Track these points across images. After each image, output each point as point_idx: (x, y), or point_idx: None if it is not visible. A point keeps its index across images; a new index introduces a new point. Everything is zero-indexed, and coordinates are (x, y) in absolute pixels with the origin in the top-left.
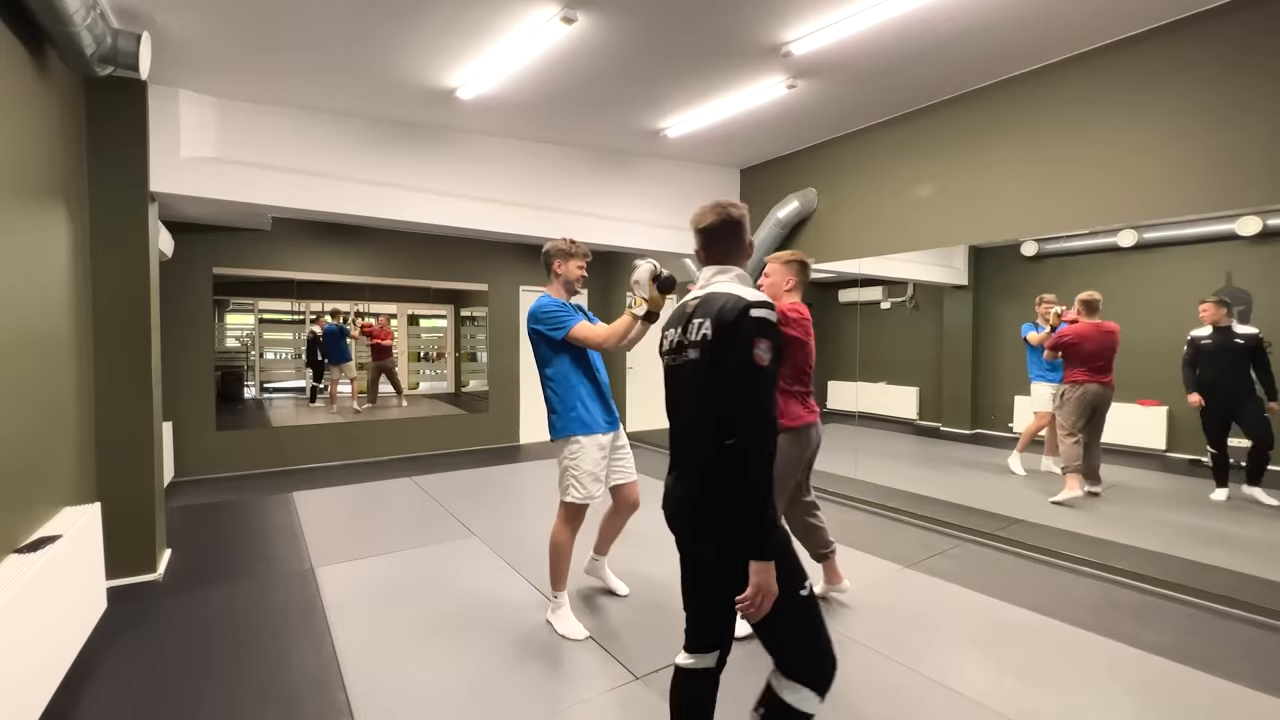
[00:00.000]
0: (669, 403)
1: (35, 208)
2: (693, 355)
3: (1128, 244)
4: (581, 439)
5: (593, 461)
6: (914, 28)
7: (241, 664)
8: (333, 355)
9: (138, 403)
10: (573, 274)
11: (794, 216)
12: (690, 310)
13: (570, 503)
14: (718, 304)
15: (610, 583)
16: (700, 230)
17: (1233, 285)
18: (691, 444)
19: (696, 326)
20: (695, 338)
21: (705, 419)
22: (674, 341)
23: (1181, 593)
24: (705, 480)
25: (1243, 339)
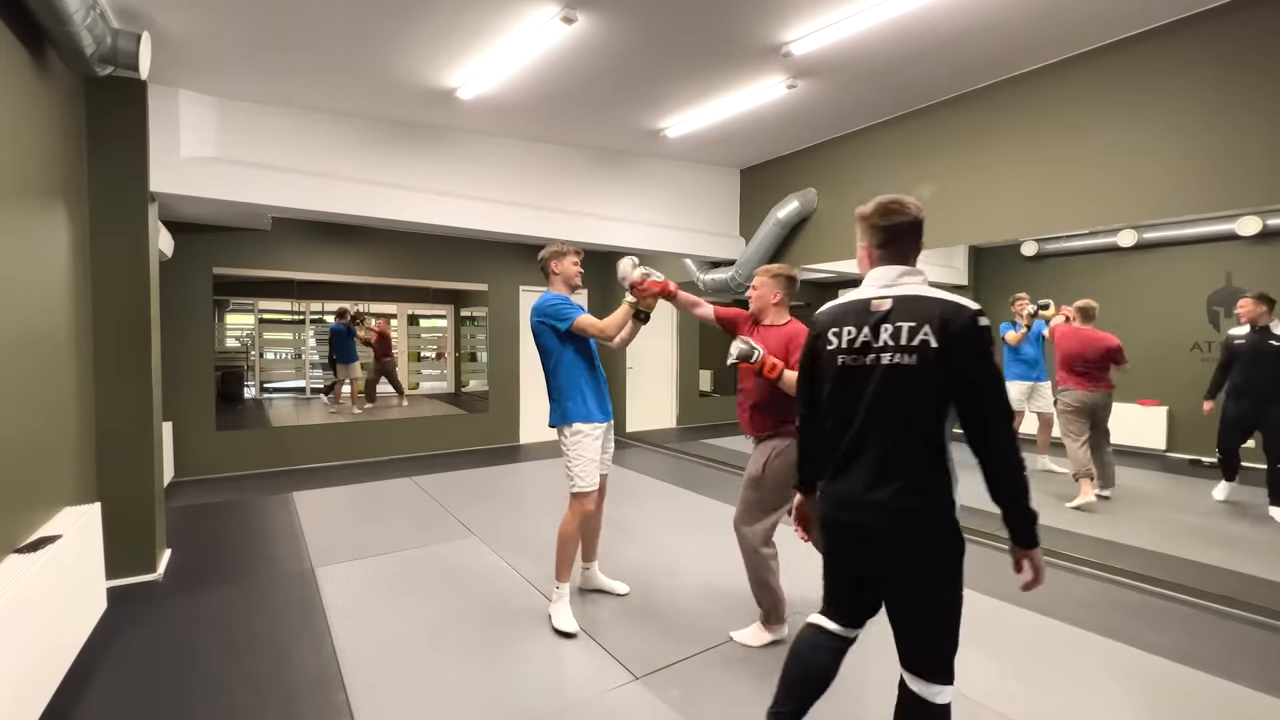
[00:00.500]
0: (843, 401)
1: (35, 208)
2: (905, 360)
3: (1128, 244)
4: (584, 427)
5: (594, 450)
6: (914, 28)
7: (241, 664)
8: (341, 354)
9: (138, 403)
10: (570, 270)
11: (794, 216)
12: (883, 311)
13: (579, 492)
14: (935, 311)
15: (608, 587)
16: (888, 227)
17: (1232, 285)
18: (897, 445)
19: (907, 331)
20: (908, 342)
21: (922, 421)
22: (858, 341)
23: (1182, 593)
24: (914, 479)
25: (1270, 340)
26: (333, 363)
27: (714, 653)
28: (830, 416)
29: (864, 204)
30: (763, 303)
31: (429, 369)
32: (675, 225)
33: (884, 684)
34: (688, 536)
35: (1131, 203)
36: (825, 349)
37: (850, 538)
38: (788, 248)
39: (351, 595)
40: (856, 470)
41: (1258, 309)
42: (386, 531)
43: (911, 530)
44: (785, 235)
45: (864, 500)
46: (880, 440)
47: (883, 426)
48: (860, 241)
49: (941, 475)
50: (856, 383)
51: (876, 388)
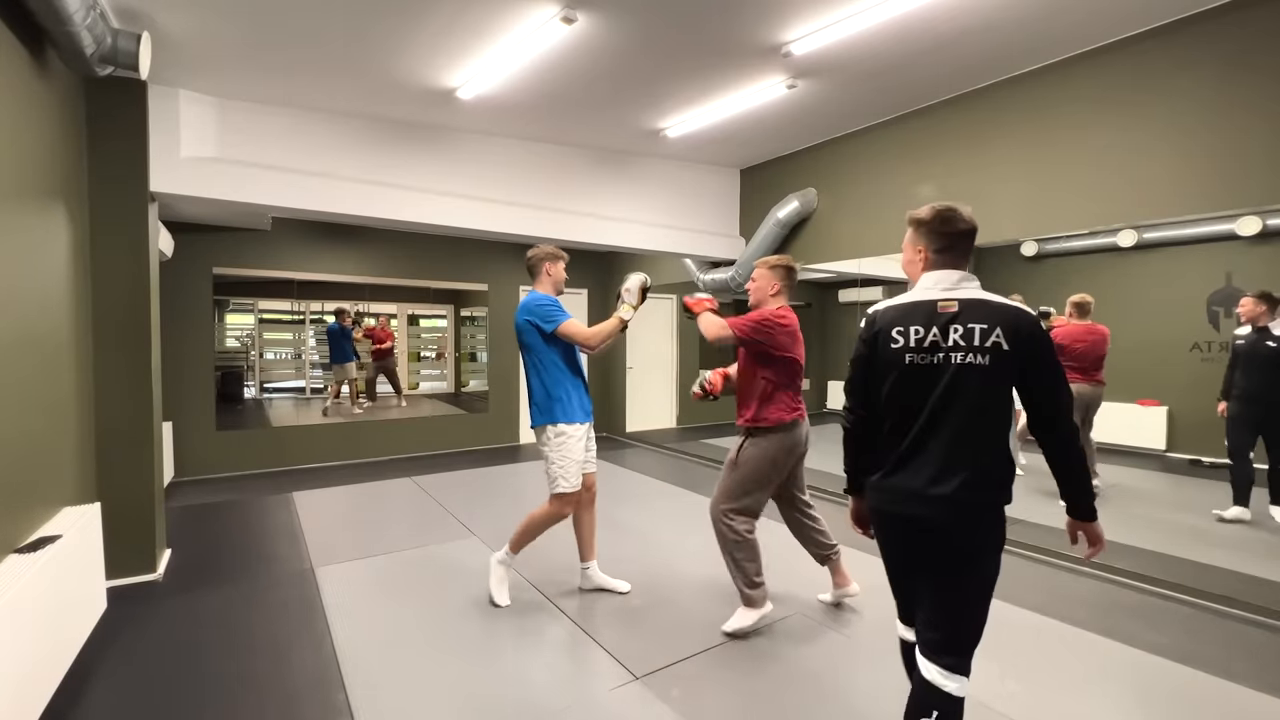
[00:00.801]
0: (908, 398)
1: (35, 208)
2: (977, 360)
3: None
4: (568, 428)
5: (578, 451)
6: (914, 28)
7: (241, 664)
8: (334, 355)
9: (138, 403)
10: (561, 275)
11: (794, 216)
12: (951, 312)
13: (562, 493)
14: (1005, 315)
15: (609, 585)
16: (949, 233)
17: (1232, 285)
18: (963, 441)
19: (980, 333)
20: (981, 343)
21: (989, 418)
22: (926, 340)
23: (1181, 593)
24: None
25: (1276, 342)
26: None
27: (714, 653)
28: (891, 413)
29: (918, 209)
30: (761, 294)
31: (429, 369)
32: (675, 225)
33: (886, 684)
34: (687, 536)
35: (1131, 203)
36: (890, 347)
37: (911, 532)
38: (788, 248)
39: (351, 595)
40: (920, 465)
41: (1257, 308)
42: (386, 531)
43: (973, 523)
44: (785, 235)
45: (926, 494)
46: (946, 436)
47: (949, 423)
48: (914, 245)
49: (1004, 470)
50: (924, 380)
51: (946, 385)
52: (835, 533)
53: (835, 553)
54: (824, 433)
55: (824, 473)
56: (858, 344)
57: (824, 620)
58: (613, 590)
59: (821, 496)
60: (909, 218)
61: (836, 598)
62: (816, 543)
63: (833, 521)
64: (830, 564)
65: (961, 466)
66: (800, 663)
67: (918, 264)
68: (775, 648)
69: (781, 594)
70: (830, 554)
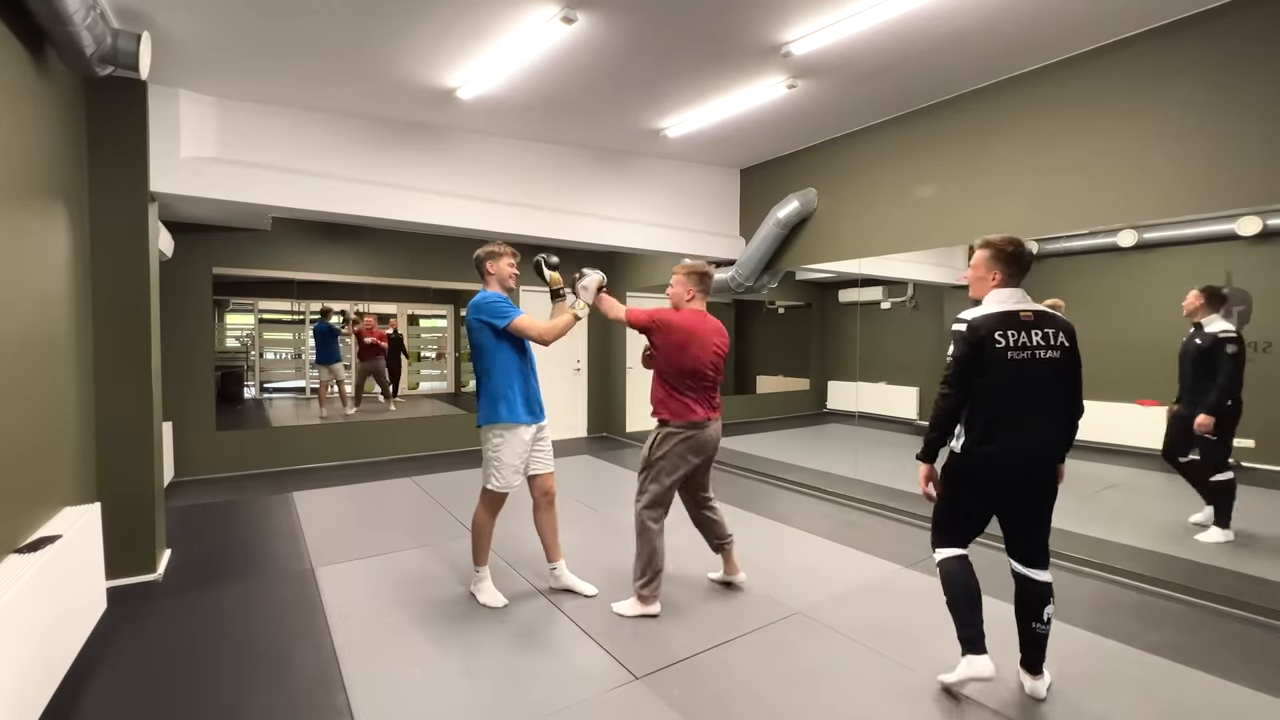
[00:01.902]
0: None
1: (35, 208)
2: (1053, 355)
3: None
4: (504, 432)
5: (515, 454)
6: (914, 28)
7: (241, 664)
8: (320, 355)
9: (138, 403)
10: (504, 272)
11: (794, 216)
12: (1029, 320)
13: (490, 490)
14: (1060, 321)
15: (576, 586)
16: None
17: (1232, 285)
18: (1050, 413)
19: (1051, 335)
20: (1055, 344)
21: (1064, 396)
22: (1020, 343)
23: (1181, 593)
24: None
25: (1202, 339)
26: None
27: (714, 653)
28: (995, 398)
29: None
30: (678, 299)
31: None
32: (675, 225)
33: (886, 683)
34: (687, 536)
35: (1131, 203)
36: (994, 348)
37: (1018, 480)
38: (788, 247)
39: (351, 595)
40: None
41: (1195, 302)
42: (386, 531)
43: (1052, 468)
44: (785, 235)
45: (1029, 457)
46: (1040, 411)
47: (1041, 402)
48: (990, 268)
49: (1070, 432)
50: (1024, 372)
51: (1038, 375)
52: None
53: (729, 541)
54: (825, 432)
55: (824, 473)
56: (961, 346)
57: (824, 620)
58: (580, 593)
59: (820, 496)
60: (987, 244)
61: (724, 578)
62: (715, 533)
63: (832, 521)
64: (723, 552)
65: (1051, 433)
66: (800, 663)
67: (988, 283)
68: (775, 648)
69: (781, 595)
70: (724, 543)
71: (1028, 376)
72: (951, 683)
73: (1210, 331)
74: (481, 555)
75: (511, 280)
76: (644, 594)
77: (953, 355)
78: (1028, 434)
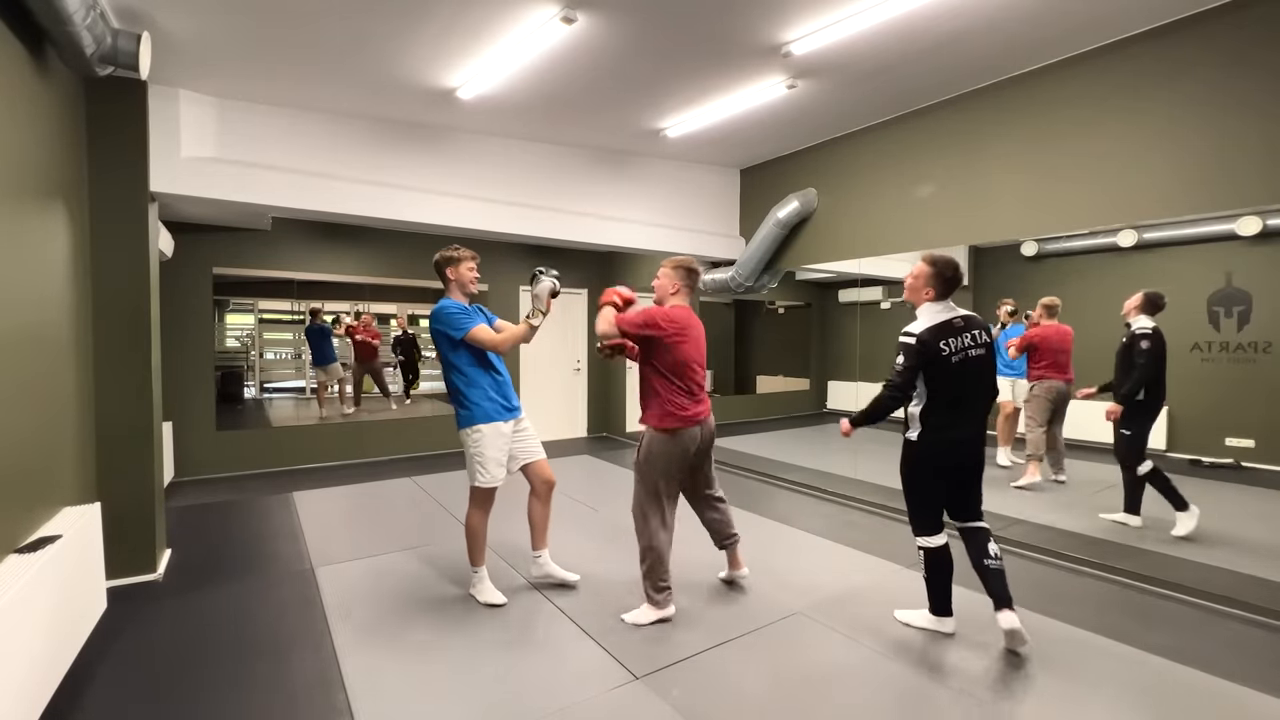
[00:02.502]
0: (958, 381)
1: (35, 208)
2: (980, 352)
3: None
4: (483, 428)
5: (496, 448)
6: (914, 28)
7: (242, 664)
8: (315, 356)
9: (138, 403)
10: (465, 277)
11: (794, 216)
12: (961, 325)
13: (478, 487)
14: (976, 322)
15: (559, 576)
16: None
17: (1232, 285)
18: (983, 399)
19: (977, 335)
20: (981, 341)
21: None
22: (958, 346)
23: (1181, 593)
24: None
25: (1127, 338)
26: None
27: (714, 652)
28: (943, 395)
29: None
30: (662, 293)
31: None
32: (675, 225)
33: (886, 683)
34: (687, 536)
35: (1131, 202)
36: (940, 355)
37: (963, 458)
38: (788, 247)
39: (351, 595)
40: (965, 421)
41: (1133, 304)
42: (386, 531)
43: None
44: (785, 235)
45: (971, 437)
46: (976, 399)
47: (976, 391)
48: (928, 281)
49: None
50: (963, 370)
51: (972, 370)
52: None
53: (735, 540)
54: (826, 432)
55: (824, 473)
56: (912, 357)
57: (824, 620)
58: (564, 581)
59: (820, 496)
60: (932, 262)
61: (730, 576)
62: (720, 533)
63: (832, 521)
64: (729, 549)
65: (983, 416)
66: (800, 663)
67: (923, 296)
68: (775, 647)
69: (781, 595)
70: (730, 541)
71: (966, 373)
72: (907, 621)
73: (1132, 329)
74: (478, 556)
75: (473, 285)
76: (653, 596)
77: (903, 364)
78: (970, 421)
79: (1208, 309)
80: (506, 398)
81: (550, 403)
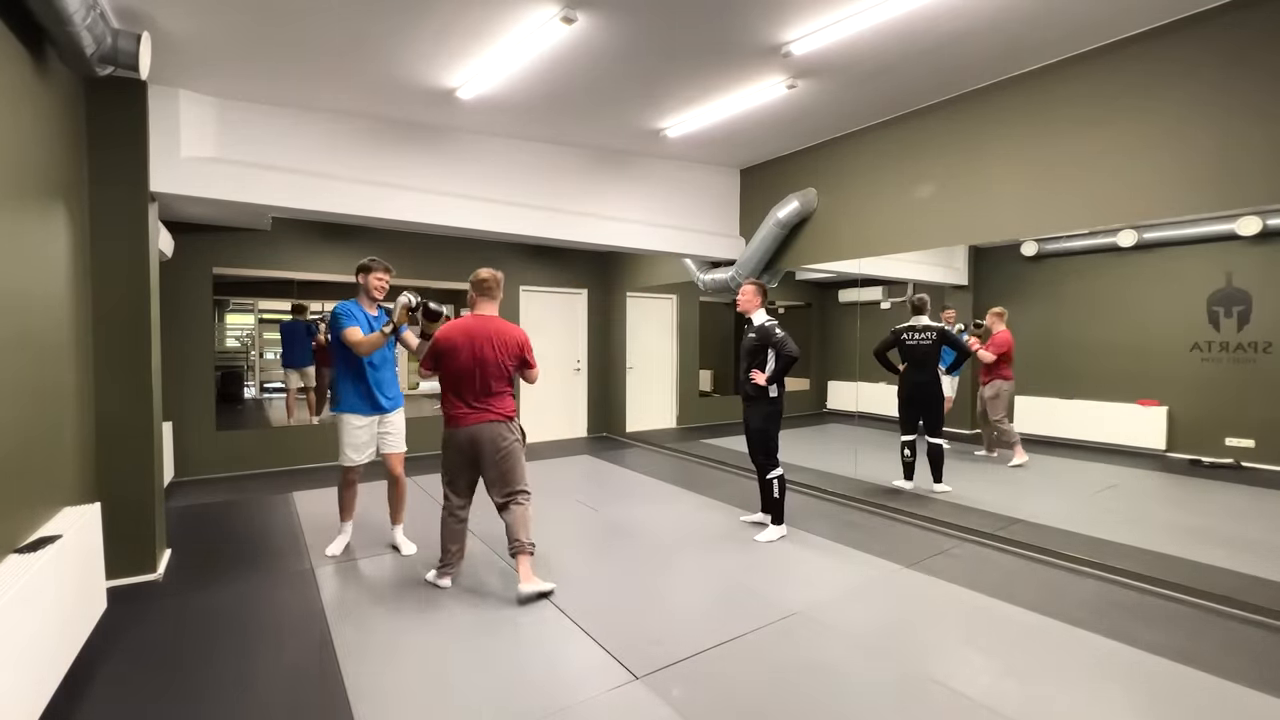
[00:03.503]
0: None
1: (35, 208)
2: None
3: (1128, 244)
4: (344, 416)
5: (356, 436)
6: (915, 28)
7: (242, 664)
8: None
9: (138, 403)
10: (370, 284)
11: (794, 216)
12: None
13: (341, 465)
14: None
15: (399, 544)
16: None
17: (1233, 285)
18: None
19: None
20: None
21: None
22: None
23: (1181, 593)
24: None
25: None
26: None
27: (714, 652)
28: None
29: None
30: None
31: None
32: (675, 225)
33: (886, 683)
34: (687, 536)
35: (1132, 202)
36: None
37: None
38: (788, 248)
39: (351, 595)
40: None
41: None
42: (387, 531)
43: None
44: (785, 235)
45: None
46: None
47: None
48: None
49: None
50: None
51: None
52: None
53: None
54: (825, 432)
55: (825, 473)
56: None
57: (824, 620)
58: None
59: (820, 496)
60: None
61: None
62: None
63: (832, 521)
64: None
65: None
66: (800, 663)
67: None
68: (775, 648)
69: (782, 595)
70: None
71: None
72: None
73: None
74: (343, 513)
75: (378, 293)
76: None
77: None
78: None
79: (1208, 309)
80: (377, 395)
81: (550, 403)
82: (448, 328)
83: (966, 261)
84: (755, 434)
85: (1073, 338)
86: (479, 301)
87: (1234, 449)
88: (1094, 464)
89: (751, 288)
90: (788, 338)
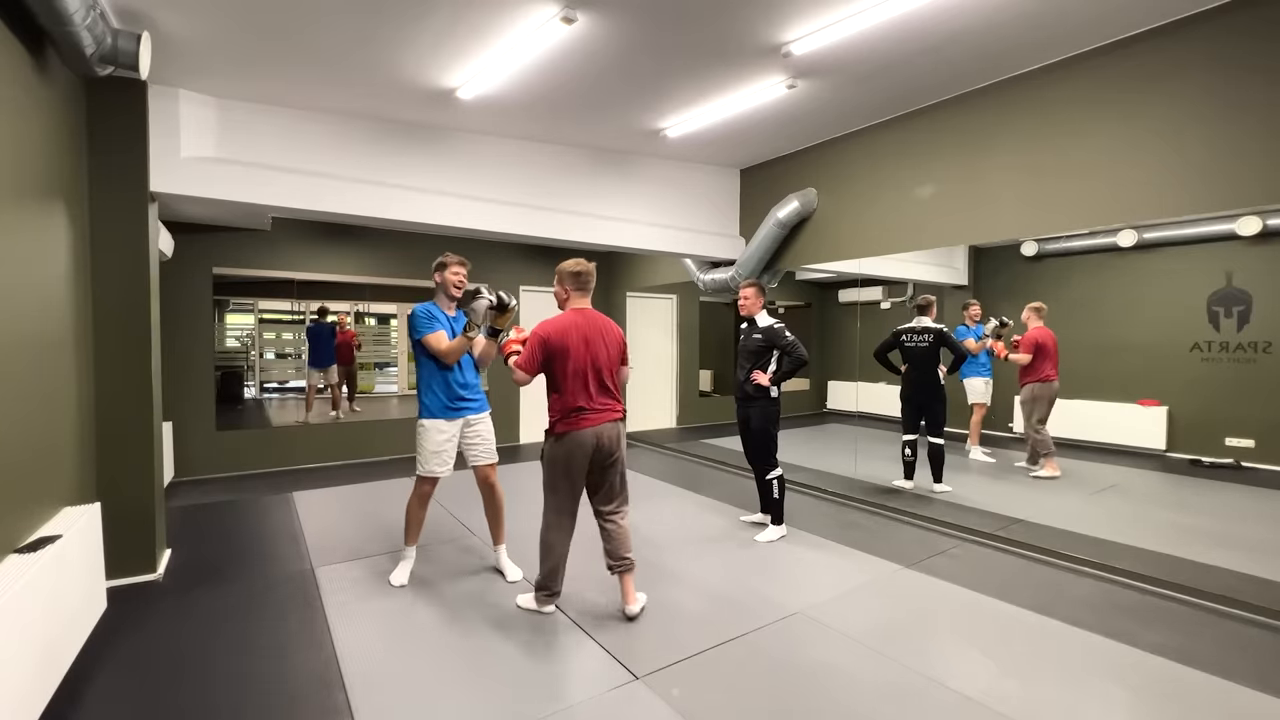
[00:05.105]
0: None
1: (35, 208)
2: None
3: (1128, 244)
4: (425, 422)
5: (434, 443)
6: (915, 27)
7: (241, 664)
8: (314, 358)
9: (138, 403)
10: (448, 279)
11: (794, 216)
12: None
13: (419, 475)
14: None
15: (504, 568)
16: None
17: (1233, 285)
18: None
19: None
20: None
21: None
22: (913, 340)
23: (1181, 593)
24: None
25: None
26: None
27: (714, 652)
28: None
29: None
30: (558, 300)
31: None
32: (675, 225)
33: (885, 683)
34: (688, 536)
35: (1132, 202)
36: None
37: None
38: (788, 248)
39: (351, 595)
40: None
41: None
42: (386, 531)
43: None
44: (785, 235)
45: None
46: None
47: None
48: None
49: None
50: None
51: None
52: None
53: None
54: (826, 432)
55: (825, 473)
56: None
57: (824, 620)
58: (502, 573)
59: (820, 496)
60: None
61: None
62: (608, 552)
63: (832, 521)
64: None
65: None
66: (800, 663)
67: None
68: (775, 648)
69: (782, 595)
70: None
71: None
72: None
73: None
74: (409, 535)
75: (454, 288)
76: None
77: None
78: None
79: (1208, 309)
80: (454, 399)
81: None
82: (555, 326)
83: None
84: (756, 434)
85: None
86: (574, 296)
87: (1234, 449)
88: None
89: (753, 289)
90: (798, 342)
